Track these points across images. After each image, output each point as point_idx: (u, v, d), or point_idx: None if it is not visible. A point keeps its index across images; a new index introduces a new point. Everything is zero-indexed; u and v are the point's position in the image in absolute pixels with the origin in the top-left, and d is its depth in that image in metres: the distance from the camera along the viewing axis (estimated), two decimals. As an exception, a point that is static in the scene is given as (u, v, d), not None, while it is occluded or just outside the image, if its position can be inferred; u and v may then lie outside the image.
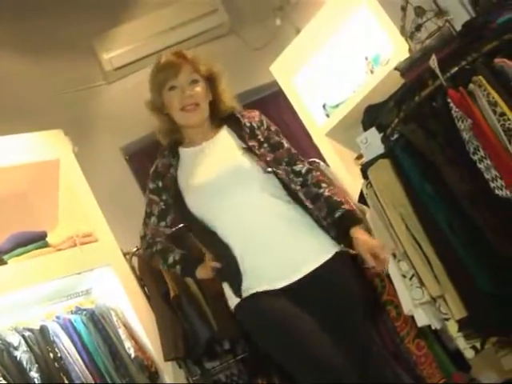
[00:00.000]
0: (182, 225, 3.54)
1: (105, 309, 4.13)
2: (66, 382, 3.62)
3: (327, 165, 4.59)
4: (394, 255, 3.40)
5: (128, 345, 3.94)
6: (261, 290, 2.66)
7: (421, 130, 3.15)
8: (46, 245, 4.17)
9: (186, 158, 2.86)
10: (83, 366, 3.74)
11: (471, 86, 2.95)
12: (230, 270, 2.72)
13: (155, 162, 2.92)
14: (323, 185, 2.82)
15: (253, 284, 2.68)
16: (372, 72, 4.27)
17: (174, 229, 2.99)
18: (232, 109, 2.90)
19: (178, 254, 2.90)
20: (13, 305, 3.91)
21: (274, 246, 2.69)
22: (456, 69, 3.04)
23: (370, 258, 2.67)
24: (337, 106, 4.53)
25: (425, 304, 3.35)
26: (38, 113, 5.17)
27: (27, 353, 3.59)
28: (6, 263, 3.96)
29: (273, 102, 6.02)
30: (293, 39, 4.76)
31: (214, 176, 2.75)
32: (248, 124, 2.87)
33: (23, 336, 3.68)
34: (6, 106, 5.17)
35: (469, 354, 3.28)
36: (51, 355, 3.67)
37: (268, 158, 2.79)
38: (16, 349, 3.59)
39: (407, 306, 3.47)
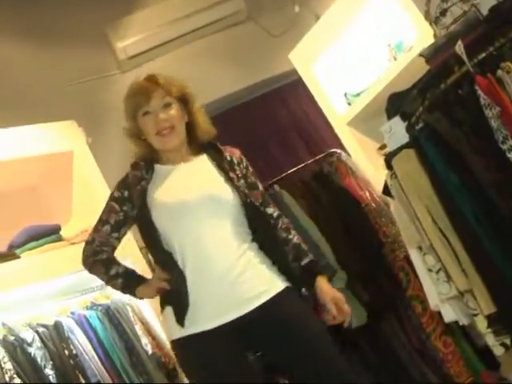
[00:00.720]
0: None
1: (120, 304, 4.13)
2: (82, 379, 3.62)
3: (349, 155, 4.58)
4: (420, 248, 3.39)
5: (145, 341, 3.93)
6: (202, 330, 2.72)
7: (446, 118, 3.11)
8: (60, 238, 4.18)
9: (160, 174, 2.91)
10: (99, 363, 3.73)
11: (499, 72, 2.91)
12: (178, 296, 2.77)
13: (127, 173, 2.98)
14: (292, 232, 2.99)
15: (198, 317, 2.74)
16: (395, 59, 4.24)
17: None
18: (208, 134, 2.97)
19: (123, 267, 2.95)
20: (26, 300, 3.91)
21: (226, 281, 2.74)
22: (483, 55, 3.00)
23: (334, 308, 2.82)
24: (358, 94, 4.51)
25: (452, 299, 3.31)
26: (50, 103, 5.19)
27: (41, 349, 3.59)
28: (18, 257, 3.96)
29: (292, 90, 6.03)
30: (312, 26, 4.75)
31: (191, 197, 2.80)
32: (229, 158, 2.94)
33: (37, 332, 3.67)
34: (17, 97, 5.19)
35: (498, 351, 3.24)
36: (66, 352, 3.66)
37: (246, 191, 2.87)
38: (30, 345, 3.59)
39: (434, 301, 3.44)
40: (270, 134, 6.21)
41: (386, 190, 3.55)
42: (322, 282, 2.89)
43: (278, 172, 4.94)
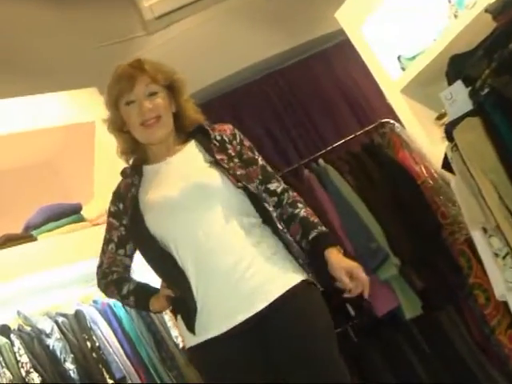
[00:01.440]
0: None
1: (148, 292, 4.15)
2: (106, 374, 3.64)
3: (403, 126, 4.54)
4: (485, 230, 3.35)
5: (175, 333, 3.96)
6: (214, 336, 2.72)
7: (516, 82, 3.08)
8: (81, 219, 4.21)
9: (148, 176, 2.91)
10: (124, 357, 3.76)
11: None
12: (184, 301, 2.77)
13: (118, 183, 2.98)
14: (299, 205, 2.89)
15: (208, 322, 2.74)
16: (456, 16, 4.18)
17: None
18: (197, 121, 2.94)
19: (134, 284, 2.94)
20: (44, 287, 3.95)
21: (232, 279, 2.72)
22: (559, 10, 2.96)
23: (346, 279, 2.71)
24: (414, 57, 4.45)
25: (521, 287, 3.29)
26: (69, 69, 5.22)
27: (61, 341, 3.62)
28: (35, 239, 3.99)
29: (338, 54, 5.99)
30: (362, -20, 4.70)
31: (175, 191, 2.78)
32: (218, 137, 2.92)
33: (56, 322, 3.71)
34: (33, 62, 5.22)
35: None
36: (88, 344, 3.69)
37: (238, 172, 2.82)
38: (48, 336, 3.62)
39: (499, 290, 3.41)
40: (313, 103, 6.19)
41: (446, 165, 3.51)
42: (332, 254, 2.77)
43: (322, 144, 4.92)
